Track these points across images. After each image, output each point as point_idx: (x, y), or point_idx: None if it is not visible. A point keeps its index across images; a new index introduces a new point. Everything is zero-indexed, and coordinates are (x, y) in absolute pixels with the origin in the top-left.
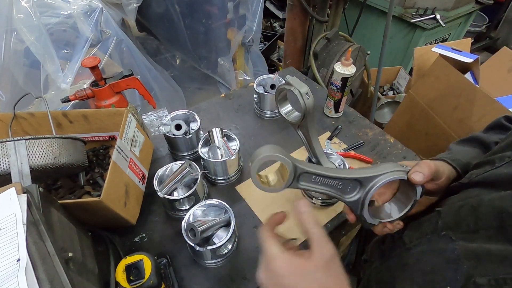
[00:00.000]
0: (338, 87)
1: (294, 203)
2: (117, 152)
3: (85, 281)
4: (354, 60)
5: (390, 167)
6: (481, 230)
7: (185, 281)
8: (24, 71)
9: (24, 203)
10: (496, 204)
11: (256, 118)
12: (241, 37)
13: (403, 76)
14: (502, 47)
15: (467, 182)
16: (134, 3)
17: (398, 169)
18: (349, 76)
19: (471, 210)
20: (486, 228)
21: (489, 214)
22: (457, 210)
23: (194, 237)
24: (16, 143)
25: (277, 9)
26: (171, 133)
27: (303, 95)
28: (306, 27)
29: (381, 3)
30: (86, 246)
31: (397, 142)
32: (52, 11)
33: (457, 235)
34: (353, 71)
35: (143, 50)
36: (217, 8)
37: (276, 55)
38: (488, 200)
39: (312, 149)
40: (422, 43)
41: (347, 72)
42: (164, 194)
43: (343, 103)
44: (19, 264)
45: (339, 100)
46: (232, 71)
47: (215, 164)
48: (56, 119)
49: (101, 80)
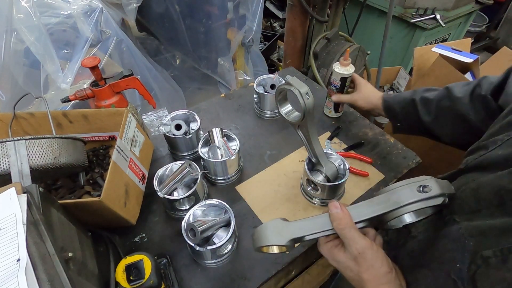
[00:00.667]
0: (337, 87)
1: (328, 205)
2: (117, 152)
3: (85, 281)
4: (354, 60)
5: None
6: (483, 209)
7: (185, 281)
8: (24, 71)
9: (24, 203)
10: (495, 183)
11: (256, 118)
12: (241, 37)
13: (403, 76)
14: (502, 47)
15: (463, 167)
16: (134, 3)
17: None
18: (348, 76)
19: (472, 192)
20: (488, 207)
21: (489, 193)
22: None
23: (194, 237)
24: (16, 143)
25: (277, 9)
26: (171, 133)
27: (303, 95)
28: (306, 27)
29: (381, 3)
30: (86, 246)
31: (397, 142)
32: (52, 11)
33: (461, 217)
34: (352, 71)
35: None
36: (217, 8)
37: (276, 55)
38: (487, 181)
39: (312, 149)
40: (422, 43)
41: (345, 72)
42: (164, 194)
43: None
44: (19, 264)
45: None
46: (232, 71)
47: (215, 164)
48: (56, 119)
49: (101, 80)
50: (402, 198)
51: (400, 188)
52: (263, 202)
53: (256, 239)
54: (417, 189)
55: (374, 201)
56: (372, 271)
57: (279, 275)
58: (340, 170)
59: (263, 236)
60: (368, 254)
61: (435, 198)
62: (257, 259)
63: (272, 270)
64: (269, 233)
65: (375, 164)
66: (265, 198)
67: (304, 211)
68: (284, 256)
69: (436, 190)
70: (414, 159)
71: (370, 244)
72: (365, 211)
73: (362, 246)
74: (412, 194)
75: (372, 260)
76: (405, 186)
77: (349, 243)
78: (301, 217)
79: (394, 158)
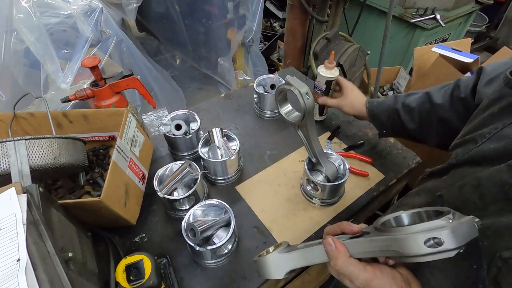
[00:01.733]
0: (322, 90)
1: (323, 242)
2: (117, 152)
3: (85, 281)
4: (354, 60)
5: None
6: (490, 206)
7: (185, 281)
8: (24, 71)
9: (24, 203)
10: (496, 178)
11: (256, 118)
12: (241, 37)
13: (403, 76)
14: (502, 47)
15: (455, 162)
16: (134, 3)
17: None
18: (333, 79)
19: (473, 188)
20: (494, 203)
21: (492, 189)
22: (459, 190)
23: (194, 237)
24: (16, 143)
25: (277, 9)
26: (171, 133)
27: (303, 95)
28: (306, 27)
29: (381, 3)
30: (86, 246)
31: (397, 142)
32: (52, 11)
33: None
34: (337, 74)
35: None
36: (217, 8)
37: (276, 55)
38: (487, 177)
39: (312, 149)
40: (422, 43)
41: (330, 75)
42: (164, 194)
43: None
44: (19, 264)
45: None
46: (232, 71)
47: (215, 164)
48: (56, 119)
49: (101, 80)
50: (405, 249)
51: (404, 236)
52: (263, 202)
53: (258, 270)
54: (425, 240)
55: (376, 241)
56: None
57: None
58: (340, 170)
59: (265, 271)
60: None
61: (447, 252)
62: None
63: None
64: (268, 269)
65: (375, 164)
66: (265, 198)
67: (304, 211)
68: None
69: (450, 243)
70: (414, 159)
71: (372, 275)
72: (363, 249)
73: (364, 279)
74: (417, 246)
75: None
76: (410, 236)
77: (351, 279)
78: (301, 217)
79: (394, 158)
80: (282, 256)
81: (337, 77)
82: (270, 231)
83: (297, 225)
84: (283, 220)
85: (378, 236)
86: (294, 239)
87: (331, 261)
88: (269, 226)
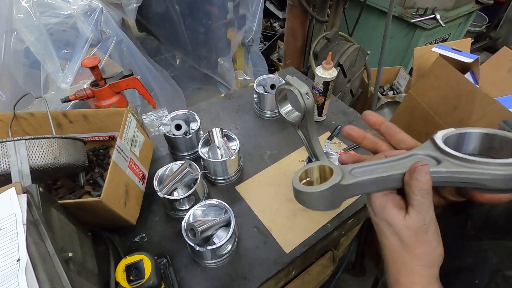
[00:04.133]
0: (320, 91)
1: (415, 166)
2: (117, 152)
3: (85, 281)
4: (354, 60)
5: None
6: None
7: (185, 281)
8: (24, 71)
9: (24, 203)
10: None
11: (256, 118)
12: (241, 37)
13: (403, 76)
14: (502, 47)
15: None
16: (134, 3)
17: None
18: (330, 80)
19: (504, 212)
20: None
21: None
22: (488, 212)
23: (194, 237)
24: (16, 143)
25: (277, 9)
26: (171, 133)
27: (303, 95)
28: (306, 27)
29: (381, 3)
30: (86, 246)
31: None
32: (52, 11)
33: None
34: (334, 75)
35: (143, 50)
36: (217, 8)
37: (276, 55)
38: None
39: (312, 149)
40: (422, 43)
41: (328, 76)
42: (164, 194)
43: (326, 107)
44: (19, 264)
45: (322, 104)
46: (232, 71)
47: (215, 164)
48: (56, 119)
49: (101, 80)
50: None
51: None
52: (263, 202)
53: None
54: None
55: (461, 173)
56: (427, 248)
57: (279, 275)
58: None
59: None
60: (431, 229)
61: None
62: (257, 259)
63: (272, 270)
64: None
65: None
66: (265, 198)
67: (304, 211)
68: (284, 256)
69: None
70: None
71: (435, 219)
72: (444, 179)
73: (431, 218)
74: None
75: (433, 236)
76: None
77: (420, 210)
78: (301, 217)
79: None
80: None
81: (334, 77)
82: (270, 231)
83: (297, 225)
84: (283, 220)
85: (463, 168)
86: (294, 239)
87: (418, 175)
88: (269, 226)
